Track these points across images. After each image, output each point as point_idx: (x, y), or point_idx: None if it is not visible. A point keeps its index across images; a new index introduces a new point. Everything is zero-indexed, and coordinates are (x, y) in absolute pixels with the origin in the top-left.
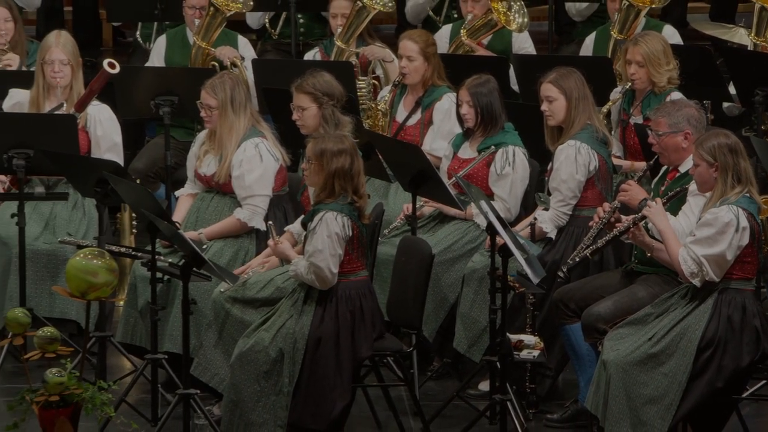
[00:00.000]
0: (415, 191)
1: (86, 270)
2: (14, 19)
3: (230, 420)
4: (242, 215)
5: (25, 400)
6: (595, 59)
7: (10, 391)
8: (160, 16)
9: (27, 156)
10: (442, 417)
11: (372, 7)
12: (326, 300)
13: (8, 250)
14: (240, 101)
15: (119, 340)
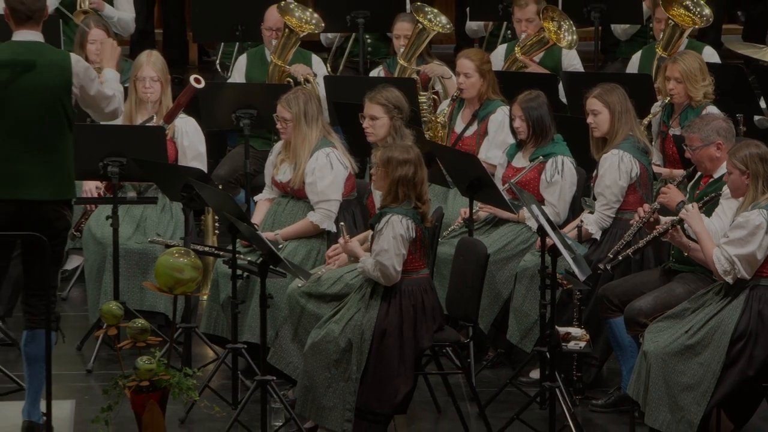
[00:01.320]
0: (472, 196)
1: (173, 267)
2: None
3: (303, 404)
4: (315, 218)
5: (118, 384)
6: (636, 76)
7: (105, 377)
8: (241, 37)
9: (121, 164)
10: (496, 402)
11: (431, 29)
12: (391, 295)
13: (103, 249)
14: (312, 114)
15: (203, 331)
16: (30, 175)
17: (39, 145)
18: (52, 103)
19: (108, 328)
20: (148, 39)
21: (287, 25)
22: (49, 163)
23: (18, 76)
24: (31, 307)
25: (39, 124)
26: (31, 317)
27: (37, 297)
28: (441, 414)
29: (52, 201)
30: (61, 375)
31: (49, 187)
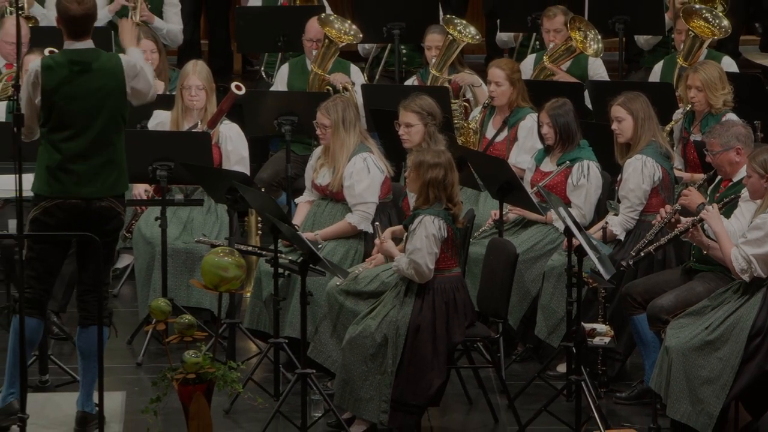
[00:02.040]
0: (501, 199)
1: (218, 266)
2: (159, 50)
3: (342, 396)
4: (353, 219)
5: (166, 377)
6: (658, 84)
7: (154, 369)
8: (283, 48)
9: (169, 168)
10: (525, 395)
11: (461, 40)
12: (424, 292)
13: (152, 249)
14: (350, 121)
15: (246, 326)
16: (88, 174)
17: (97, 146)
18: (108, 104)
19: (157, 323)
20: (194, 49)
21: (327, 36)
22: (106, 162)
23: (74, 80)
24: (85, 304)
25: (96, 125)
26: (84, 313)
27: (91, 294)
28: (472, 406)
29: (109, 197)
30: (112, 368)
31: (106, 184)
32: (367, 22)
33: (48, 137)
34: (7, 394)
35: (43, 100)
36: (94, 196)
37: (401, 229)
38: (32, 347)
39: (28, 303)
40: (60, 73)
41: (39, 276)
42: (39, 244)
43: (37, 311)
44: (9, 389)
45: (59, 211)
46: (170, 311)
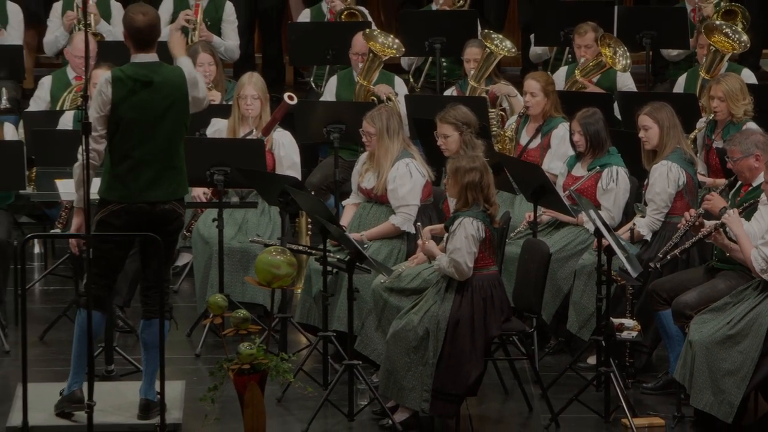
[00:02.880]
0: (535, 202)
1: (271, 264)
2: (216, 63)
3: (386, 385)
4: (396, 221)
5: (223, 367)
6: (683, 95)
7: (211, 360)
8: (331, 61)
9: (225, 173)
10: (557, 385)
11: (498, 53)
12: (464, 289)
13: (210, 248)
14: (394, 129)
15: (297, 321)
16: (154, 180)
17: (161, 153)
18: (172, 114)
19: (214, 317)
20: (249, 62)
21: (372, 50)
22: (169, 168)
23: (140, 92)
24: (148, 299)
25: (161, 134)
26: (147, 308)
27: (153, 290)
28: (508, 395)
29: (172, 201)
30: (173, 359)
31: (169, 189)
32: (411, 37)
33: (116, 146)
34: (72, 383)
35: (111, 111)
36: (159, 200)
37: (440, 228)
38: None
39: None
40: (127, 85)
41: (103, 274)
42: (104, 245)
43: (100, 306)
44: (74, 378)
45: (125, 214)
46: (227, 306)
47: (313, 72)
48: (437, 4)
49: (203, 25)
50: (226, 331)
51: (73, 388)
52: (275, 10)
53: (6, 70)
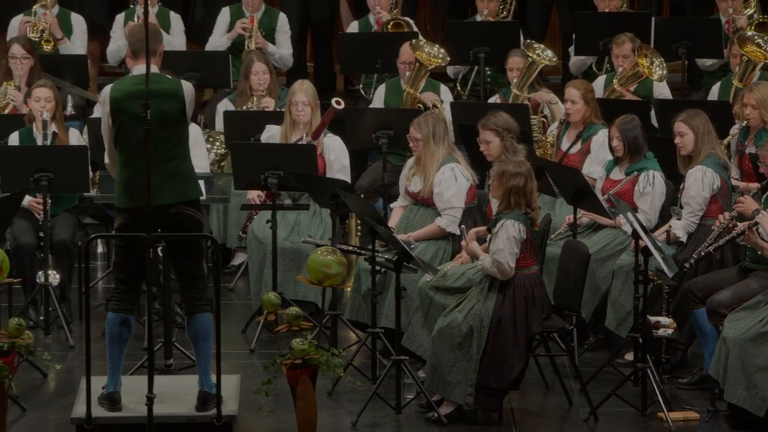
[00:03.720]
0: (575, 205)
1: (322, 263)
2: (270, 71)
3: (432, 380)
4: (442, 223)
5: (276, 362)
6: (717, 103)
7: (265, 355)
8: (381, 69)
9: (279, 176)
10: (596, 380)
11: (540, 62)
12: (506, 288)
13: (264, 248)
14: (440, 134)
15: (347, 318)
16: (157, 183)
17: (162, 158)
18: (170, 121)
19: (268, 314)
20: (301, 71)
21: (418, 59)
22: (171, 172)
23: (135, 102)
24: (186, 297)
25: (161, 140)
26: (187, 305)
27: (188, 288)
28: (549, 389)
29: (178, 203)
30: (228, 353)
31: (172, 192)
32: (456, 47)
33: (119, 155)
34: (109, 383)
35: (112, 122)
36: (164, 203)
37: (484, 230)
38: (124, 342)
39: (116, 301)
40: (123, 97)
41: (126, 278)
42: (124, 250)
43: (126, 309)
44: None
45: (136, 219)
46: (280, 304)
47: (362, 80)
48: (482, 15)
49: (259, 34)
50: (280, 328)
51: (110, 390)
52: (327, 20)
53: (72, 78)
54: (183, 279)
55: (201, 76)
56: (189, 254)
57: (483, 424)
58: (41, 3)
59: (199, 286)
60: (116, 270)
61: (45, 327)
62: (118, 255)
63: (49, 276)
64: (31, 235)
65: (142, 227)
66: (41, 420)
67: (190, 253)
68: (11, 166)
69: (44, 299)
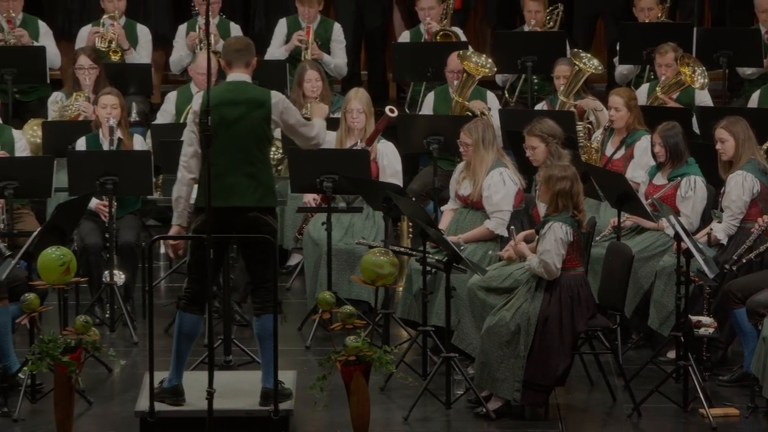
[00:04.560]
0: (620, 208)
1: (375, 264)
2: (322, 79)
3: (480, 376)
4: (490, 225)
5: (330, 359)
6: (757, 110)
7: (320, 352)
8: (432, 77)
9: (333, 180)
10: (639, 377)
11: (586, 71)
12: (552, 288)
13: (319, 249)
14: (489, 140)
15: (399, 316)
16: (237, 186)
17: (243, 162)
18: (253, 129)
19: (323, 313)
20: (355, 78)
21: (465, 69)
22: (251, 177)
23: (222, 107)
24: (257, 297)
25: (243, 145)
26: (257, 305)
27: (258, 289)
28: (593, 386)
29: (256, 208)
30: (285, 350)
31: (253, 197)
32: (505, 56)
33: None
34: (172, 377)
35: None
36: (241, 205)
37: (532, 232)
38: (192, 339)
39: (188, 301)
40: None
41: (198, 278)
42: (198, 251)
43: (197, 308)
44: (174, 373)
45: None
46: (334, 302)
47: (411, 88)
48: (529, 25)
49: (314, 45)
50: (334, 326)
51: (173, 383)
52: (380, 31)
53: (136, 86)
54: (255, 282)
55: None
56: (262, 259)
57: (530, 419)
58: (109, 14)
59: (269, 289)
60: (189, 270)
61: (110, 324)
62: (192, 255)
63: (114, 275)
64: (97, 236)
65: (218, 228)
66: (106, 413)
67: (264, 258)
68: (79, 170)
69: (109, 298)
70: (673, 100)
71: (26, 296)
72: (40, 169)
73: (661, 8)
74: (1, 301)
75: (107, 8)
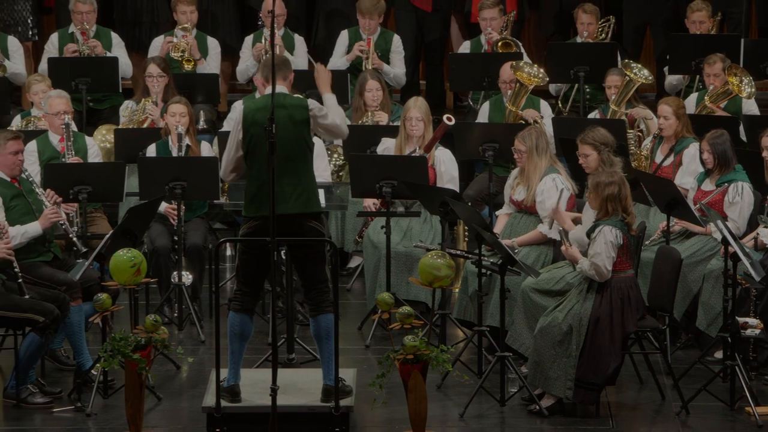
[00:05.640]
0: (669, 213)
1: (433, 266)
2: (382, 88)
3: (534, 375)
4: (544, 229)
5: (389, 357)
6: None
7: (380, 351)
8: (488, 87)
9: (393, 185)
10: (687, 376)
11: (636, 80)
12: (603, 290)
13: (378, 252)
14: (542, 147)
15: (455, 317)
16: (282, 194)
17: (286, 171)
18: (296, 136)
19: (382, 313)
20: (414, 88)
21: (518, 79)
22: (295, 184)
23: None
24: (311, 299)
25: (287, 153)
26: (312, 307)
27: (314, 291)
28: (643, 385)
29: (302, 214)
30: (345, 349)
31: (297, 203)
32: (558, 66)
33: (248, 166)
34: (230, 377)
35: (244, 136)
36: (289, 212)
37: (578, 216)
38: (245, 339)
39: (237, 302)
40: (252, 113)
41: (247, 281)
42: (244, 255)
43: (246, 309)
44: (231, 373)
45: (261, 228)
46: (393, 303)
47: (470, 94)
48: (582, 37)
49: (375, 55)
50: (393, 326)
51: (231, 383)
52: (438, 42)
53: (204, 95)
54: (307, 283)
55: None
56: (313, 261)
57: (581, 417)
58: (181, 26)
59: (322, 290)
60: (238, 273)
61: (178, 323)
62: (241, 259)
63: (183, 276)
64: (166, 239)
65: (266, 235)
66: (175, 408)
67: (314, 260)
68: (149, 175)
69: (178, 298)
70: (721, 109)
71: (99, 296)
72: (113, 175)
73: (713, 21)
74: (75, 300)
75: (180, 20)
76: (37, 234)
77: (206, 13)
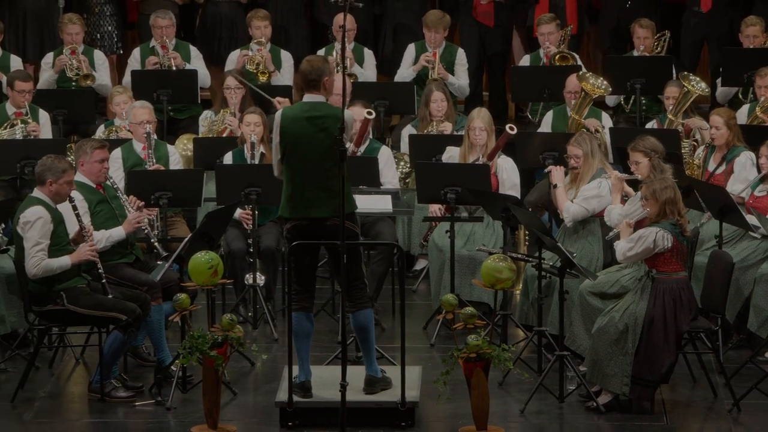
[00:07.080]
0: (721, 219)
1: (495, 269)
2: (447, 99)
3: (591, 372)
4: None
5: (453, 356)
6: None
7: (444, 349)
8: (548, 98)
9: (457, 192)
10: (738, 375)
11: (694, 92)
12: (657, 291)
13: (443, 255)
14: (596, 150)
15: (517, 321)
16: (314, 198)
17: (319, 177)
18: (329, 144)
19: (446, 313)
20: (478, 98)
21: (583, 89)
22: (327, 189)
23: (301, 125)
24: (350, 296)
25: (319, 160)
26: (350, 304)
27: (352, 288)
28: (696, 383)
29: (334, 217)
30: (411, 347)
31: (329, 206)
32: (615, 78)
33: (285, 170)
34: (300, 374)
35: (281, 141)
36: (321, 216)
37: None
38: (308, 336)
39: (294, 301)
40: (292, 119)
41: (299, 281)
42: (295, 256)
43: (303, 307)
44: (301, 371)
45: (296, 229)
46: (457, 304)
47: (529, 107)
48: (638, 50)
49: (440, 66)
50: (456, 325)
51: (301, 379)
52: (500, 55)
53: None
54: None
55: (389, 104)
56: (350, 260)
57: (637, 413)
58: (257, 41)
59: (359, 287)
60: (289, 274)
61: (253, 322)
62: (289, 260)
63: (257, 278)
64: (241, 242)
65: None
66: (249, 403)
67: (352, 260)
68: (226, 182)
69: (252, 298)
70: None
71: (178, 296)
72: (192, 181)
73: (766, 36)
74: (155, 300)
75: (255, 35)
76: (121, 238)
77: (280, 28)
